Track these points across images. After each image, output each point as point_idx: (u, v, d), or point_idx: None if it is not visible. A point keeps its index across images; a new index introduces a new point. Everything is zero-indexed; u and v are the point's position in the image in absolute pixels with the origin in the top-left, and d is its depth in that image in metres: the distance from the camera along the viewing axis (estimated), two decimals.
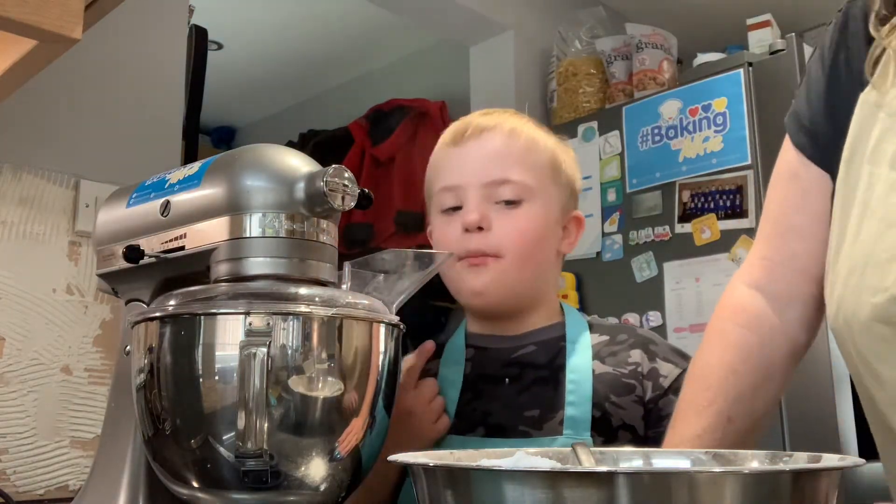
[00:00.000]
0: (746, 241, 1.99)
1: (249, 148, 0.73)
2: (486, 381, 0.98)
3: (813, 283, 0.82)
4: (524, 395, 0.96)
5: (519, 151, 0.98)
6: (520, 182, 0.96)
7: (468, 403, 0.97)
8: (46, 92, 1.51)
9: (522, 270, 0.97)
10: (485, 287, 0.96)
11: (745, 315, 0.84)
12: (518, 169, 0.97)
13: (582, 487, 0.42)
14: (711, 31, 2.86)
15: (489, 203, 0.96)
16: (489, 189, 0.96)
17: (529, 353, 0.99)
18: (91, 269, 1.51)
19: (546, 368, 0.97)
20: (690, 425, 0.79)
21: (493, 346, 1.01)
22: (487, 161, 0.97)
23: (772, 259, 0.85)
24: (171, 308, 0.65)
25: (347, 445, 0.66)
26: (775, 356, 0.83)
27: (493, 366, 0.99)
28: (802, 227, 0.83)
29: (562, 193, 1.01)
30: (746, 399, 0.81)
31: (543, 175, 0.99)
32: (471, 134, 0.99)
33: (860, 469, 0.50)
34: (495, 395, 0.97)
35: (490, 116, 1.02)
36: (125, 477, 0.74)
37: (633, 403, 0.94)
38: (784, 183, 0.86)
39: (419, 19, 2.63)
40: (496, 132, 0.99)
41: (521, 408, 0.94)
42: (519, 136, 0.99)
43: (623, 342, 1.00)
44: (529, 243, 0.97)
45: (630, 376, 0.96)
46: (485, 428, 0.95)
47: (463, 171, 0.98)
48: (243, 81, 3.72)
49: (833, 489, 0.46)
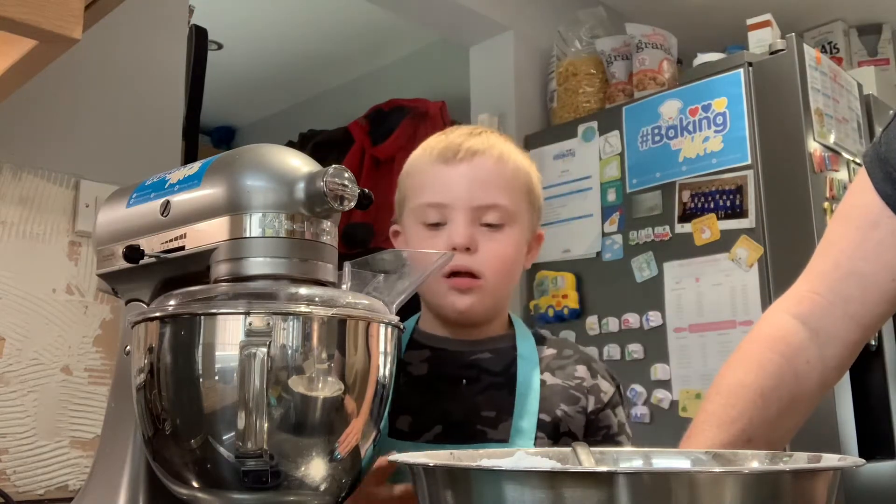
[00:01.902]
0: (746, 240, 1.99)
1: (249, 148, 0.73)
2: (444, 381, 1.03)
3: (860, 330, 0.82)
4: (480, 396, 1.01)
5: (507, 178, 1.03)
6: (505, 207, 1.02)
7: (429, 403, 1.01)
8: (46, 92, 1.51)
9: (500, 291, 1.04)
10: (468, 308, 1.01)
11: (784, 344, 0.84)
12: (504, 195, 1.02)
13: (582, 487, 0.42)
14: (711, 31, 2.86)
15: (475, 225, 1.01)
16: (477, 212, 1.01)
17: (486, 358, 1.04)
18: (91, 269, 1.51)
19: (501, 375, 1.02)
20: (708, 437, 0.79)
21: (450, 349, 1.05)
22: (478, 185, 1.01)
23: (824, 297, 0.85)
24: (171, 308, 0.65)
25: (347, 445, 0.66)
26: (805, 389, 0.84)
27: (451, 367, 1.03)
28: (867, 275, 0.83)
29: (534, 215, 1.07)
30: (769, 424, 0.81)
31: (522, 199, 1.05)
32: (463, 156, 1.02)
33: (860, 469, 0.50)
34: (454, 395, 1.01)
35: (480, 138, 1.05)
36: (125, 477, 0.74)
37: (577, 413, 1.02)
38: (859, 228, 0.85)
39: (419, 19, 2.63)
40: (487, 157, 1.03)
41: (478, 408, 1.00)
42: (507, 163, 1.04)
43: (569, 357, 1.07)
44: (508, 266, 1.03)
45: (576, 389, 1.03)
46: (443, 426, 0.99)
47: (452, 191, 1.01)
48: (243, 81, 3.72)
49: (833, 489, 0.46)
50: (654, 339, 2.13)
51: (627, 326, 2.19)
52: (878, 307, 0.81)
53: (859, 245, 0.84)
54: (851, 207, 0.87)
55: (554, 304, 2.33)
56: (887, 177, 0.83)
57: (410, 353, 1.05)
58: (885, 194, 0.83)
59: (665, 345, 2.11)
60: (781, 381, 0.82)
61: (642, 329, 2.15)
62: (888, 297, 0.82)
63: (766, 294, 1.94)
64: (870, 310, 0.82)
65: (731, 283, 2.01)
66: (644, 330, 2.15)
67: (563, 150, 2.44)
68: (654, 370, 2.11)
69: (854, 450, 1.87)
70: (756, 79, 2.07)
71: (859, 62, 2.98)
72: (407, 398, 0.99)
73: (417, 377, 1.03)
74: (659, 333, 2.12)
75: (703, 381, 2.01)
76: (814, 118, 2.03)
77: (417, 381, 1.02)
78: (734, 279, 2.00)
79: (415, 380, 1.03)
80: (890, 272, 0.81)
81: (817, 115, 2.04)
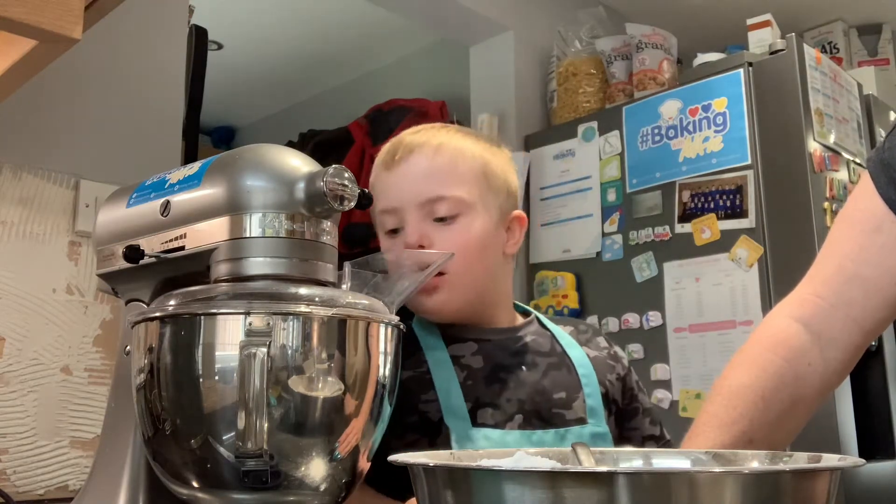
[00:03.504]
0: (746, 240, 1.99)
1: (249, 148, 0.73)
2: (504, 370, 1.02)
3: (862, 334, 0.83)
4: (545, 380, 1.02)
5: (449, 167, 1.02)
6: (453, 197, 1.00)
7: (500, 393, 1.00)
8: (46, 92, 1.51)
9: (469, 281, 1.01)
10: (438, 307, 1.01)
11: (786, 347, 0.84)
12: (449, 184, 1.00)
13: (582, 487, 0.42)
14: (711, 31, 2.86)
15: (428, 221, 1.00)
16: (425, 208, 1.00)
17: (531, 341, 1.05)
18: (91, 269, 1.51)
19: (553, 355, 1.05)
20: (709, 438, 0.80)
21: (493, 338, 1.04)
22: (419, 181, 1.01)
23: (826, 300, 0.85)
24: (171, 308, 0.65)
25: (347, 445, 0.66)
26: (806, 392, 0.84)
27: (504, 355, 1.03)
28: (870, 279, 0.83)
29: (497, 198, 1.05)
30: (770, 426, 0.81)
31: (476, 184, 1.02)
32: (401, 156, 1.02)
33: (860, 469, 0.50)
34: (520, 383, 1.01)
35: (418, 134, 1.05)
36: (125, 477, 0.74)
37: (617, 381, 1.08)
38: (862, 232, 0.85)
39: (419, 19, 2.63)
40: (424, 151, 1.02)
41: (547, 391, 1.01)
42: (445, 151, 1.02)
43: (586, 331, 1.13)
44: (471, 255, 1.00)
45: (609, 357, 1.10)
46: (522, 414, 0.99)
47: (398, 193, 1.01)
48: (243, 81, 3.72)
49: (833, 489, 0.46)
50: (654, 339, 2.13)
51: (627, 326, 2.19)
52: (880, 311, 0.81)
53: (862, 249, 0.84)
54: (855, 211, 0.87)
55: (554, 304, 2.33)
56: (891, 182, 0.84)
57: (456, 346, 1.03)
58: (888, 199, 0.83)
59: (665, 345, 2.11)
60: (783, 383, 0.83)
61: (642, 329, 2.15)
62: (890, 302, 0.83)
63: (766, 294, 1.94)
64: (872, 314, 0.82)
65: (731, 283, 2.01)
66: (644, 330, 2.15)
67: (563, 150, 2.44)
68: (654, 370, 2.11)
69: (854, 450, 1.87)
70: (756, 79, 2.07)
71: (859, 62, 2.98)
72: (478, 391, 0.99)
73: (478, 370, 1.01)
74: (659, 333, 2.12)
75: (703, 381, 2.01)
76: (814, 118, 2.03)
77: (480, 374, 1.01)
78: (734, 279, 2.00)
79: (476, 372, 1.01)
80: (892, 277, 0.81)
81: (817, 115, 2.04)
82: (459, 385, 0.99)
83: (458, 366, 1.01)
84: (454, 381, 1.00)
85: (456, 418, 0.97)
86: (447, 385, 0.99)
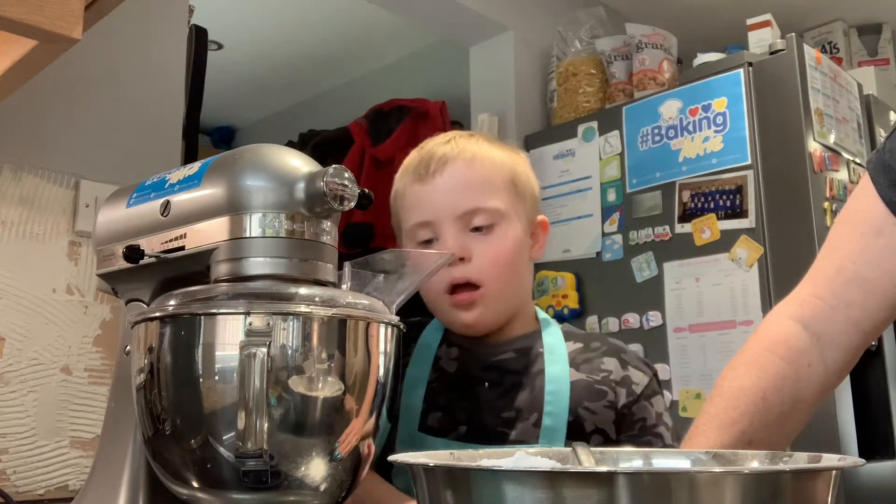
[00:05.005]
0: (746, 240, 1.99)
1: (249, 148, 0.73)
2: (469, 381, 1.03)
3: (861, 336, 0.83)
4: (501, 399, 1.00)
5: (484, 178, 1.02)
6: (490, 208, 1.01)
7: (456, 402, 1.01)
8: (46, 92, 1.51)
9: (505, 293, 1.02)
10: (475, 321, 1.01)
11: (786, 348, 0.84)
12: (485, 195, 1.01)
13: (582, 487, 0.42)
14: (711, 31, 2.86)
15: (465, 233, 1.00)
16: (463, 220, 1.00)
17: (509, 359, 1.03)
18: (91, 269, 1.51)
19: (522, 374, 1.02)
20: (709, 439, 0.80)
21: (475, 349, 1.05)
22: (456, 193, 1.01)
23: (826, 301, 0.85)
24: (171, 308, 0.65)
25: (347, 445, 0.66)
26: (806, 393, 0.84)
27: (476, 368, 1.04)
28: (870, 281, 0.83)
29: (525, 205, 1.06)
30: (770, 427, 0.81)
31: (507, 193, 1.03)
32: (435, 168, 1.02)
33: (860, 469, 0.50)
34: (477, 397, 1.01)
35: (448, 145, 1.04)
36: (125, 477, 0.74)
37: (604, 409, 1.00)
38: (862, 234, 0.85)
39: (419, 19, 2.63)
40: (459, 162, 1.02)
41: (499, 409, 1.00)
42: (479, 163, 1.03)
43: (596, 349, 1.05)
44: (507, 266, 1.01)
45: (602, 383, 1.01)
46: (467, 427, 0.99)
47: (434, 206, 1.01)
48: (243, 81, 3.72)
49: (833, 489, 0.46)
50: (654, 339, 2.13)
51: (627, 326, 2.19)
52: (880, 313, 0.81)
53: (863, 251, 0.84)
54: (855, 213, 0.87)
55: (554, 304, 2.33)
56: (892, 184, 0.84)
57: (443, 349, 1.05)
58: (889, 201, 0.83)
59: (665, 345, 2.10)
60: (783, 384, 0.83)
61: (642, 329, 2.15)
62: (890, 304, 0.83)
63: (766, 294, 1.94)
64: (871, 315, 0.82)
65: (731, 283, 2.01)
66: (644, 330, 2.15)
67: (563, 150, 2.44)
68: None
69: (854, 450, 1.87)
70: (756, 79, 2.07)
71: (859, 62, 2.98)
72: (438, 395, 1.01)
73: (448, 374, 1.03)
74: (659, 333, 2.12)
75: (703, 381, 2.01)
76: (814, 118, 2.03)
77: (447, 379, 1.03)
78: (734, 279, 2.00)
79: (446, 377, 1.03)
80: (892, 279, 0.81)
81: (817, 115, 2.04)
82: (426, 384, 1.01)
83: (435, 367, 1.04)
84: (423, 381, 1.02)
85: (407, 417, 1.00)
86: (414, 383, 1.02)
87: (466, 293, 1.00)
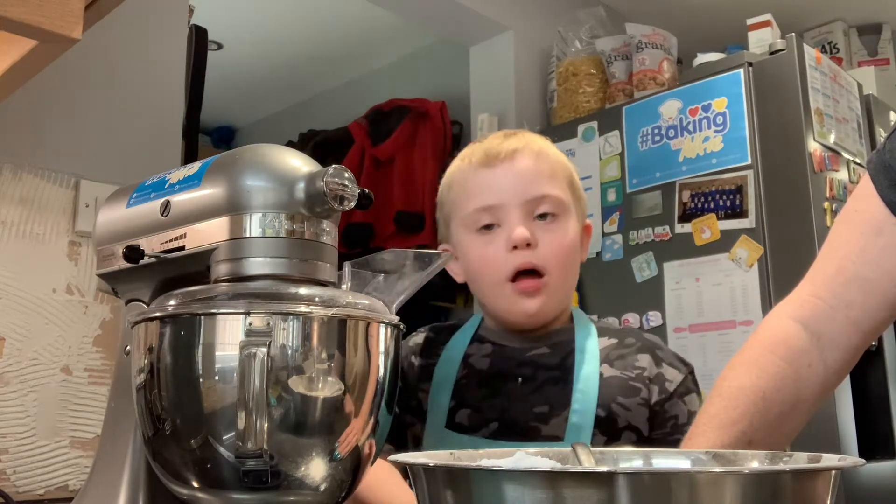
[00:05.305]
0: (746, 240, 1.99)
1: (249, 148, 0.73)
2: (502, 378, 1.03)
3: (861, 336, 0.83)
4: (535, 394, 1.01)
5: (550, 170, 1.05)
6: (555, 196, 1.03)
7: (487, 398, 1.01)
8: (46, 92, 1.51)
9: (565, 284, 1.04)
10: (539, 309, 1.01)
11: (786, 348, 0.84)
12: (551, 185, 1.03)
13: (582, 487, 0.42)
14: (711, 31, 2.86)
15: (530, 219, 1.01)
16: (529, 206, 1.02)
17: (543, 353, 1.04)
18: (91, 269, 1.51)
19: (557, 370, 1.02)
20: (709, 439, 0.80)
21: (510, 345, 1.05)
22: (525, 180, 1.03)
23: (826, 301, 0.85)
24: (171, 308, 0.65)
25: (347, 445, 0.66)
26: (806, 393, 0.84)
27: (510, 364, 1.04)
28: (870, 281, 0.83)
29: (580, 206, 1.08)
30: (770, 427, 0.81)
31: (569, 191, 1.06)
32: (504, 156, 1.04)
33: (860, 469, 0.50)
34: (510, 393, 1.01)
35: (516, 138, 1.07)
36: (125, 477, 0.74)
37: (638, 406, 0.99)
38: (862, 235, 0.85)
39: (419, 19, 2.63)
40: (527, 152, 1.04)
41: (532, 404, 1.00)
42: (548, 156, 1.06)
43: (631, 346, 1.05)
44: (569, 257, 1.04)
45: (636, 380, 1.01)
46: (499, 423, 0.99)
47: (501, 191, 1.02)
48: (243, 81, 3.72)
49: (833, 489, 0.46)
50: None
51: (627, 326, 2.19)
52: (880, 313, 0.81)
53: (863, 251, 0.84)
54: (855, 213, 0.87)
55: None
56: (892, 184, 0.84)
57: (474, 346, 1.06)
58: (889, 202, 0.83)
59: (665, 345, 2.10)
60: (783, 384, 0.83)
61: (642, 329, 2.15)
62: (890, 304, 0.83)
63: (766, 294, 1.94)
64: (871, 315, 0.82)
65: (731, 283, 2.01)
66: (644, 330, 2.15)
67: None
68: None
69: (854, 450, 1.87)
70: (756, 79, 2.07)
71: (859, 62, 2.98)
72: (467, 392, 1.02)
73: (479, 371, 1.04)
74: (659, 333, 2.12)
75: (703, 381, 2.00)
76: (814, 118, 2.03)
77: (478, 376, 1.03)
78: (734, 279, 2.00)
79: (476, 374, 1.03)
80: (892, 279, 0.81)
81: (817, 115, 2.04)
82: (454, 382, 1.02)
83: (465, 363, 1.04)
84: (451, 378, 1.03)
85: (434, 414, 1.01)
86: (442, 381, 1.02)
87: (532, 280, 1.00)
